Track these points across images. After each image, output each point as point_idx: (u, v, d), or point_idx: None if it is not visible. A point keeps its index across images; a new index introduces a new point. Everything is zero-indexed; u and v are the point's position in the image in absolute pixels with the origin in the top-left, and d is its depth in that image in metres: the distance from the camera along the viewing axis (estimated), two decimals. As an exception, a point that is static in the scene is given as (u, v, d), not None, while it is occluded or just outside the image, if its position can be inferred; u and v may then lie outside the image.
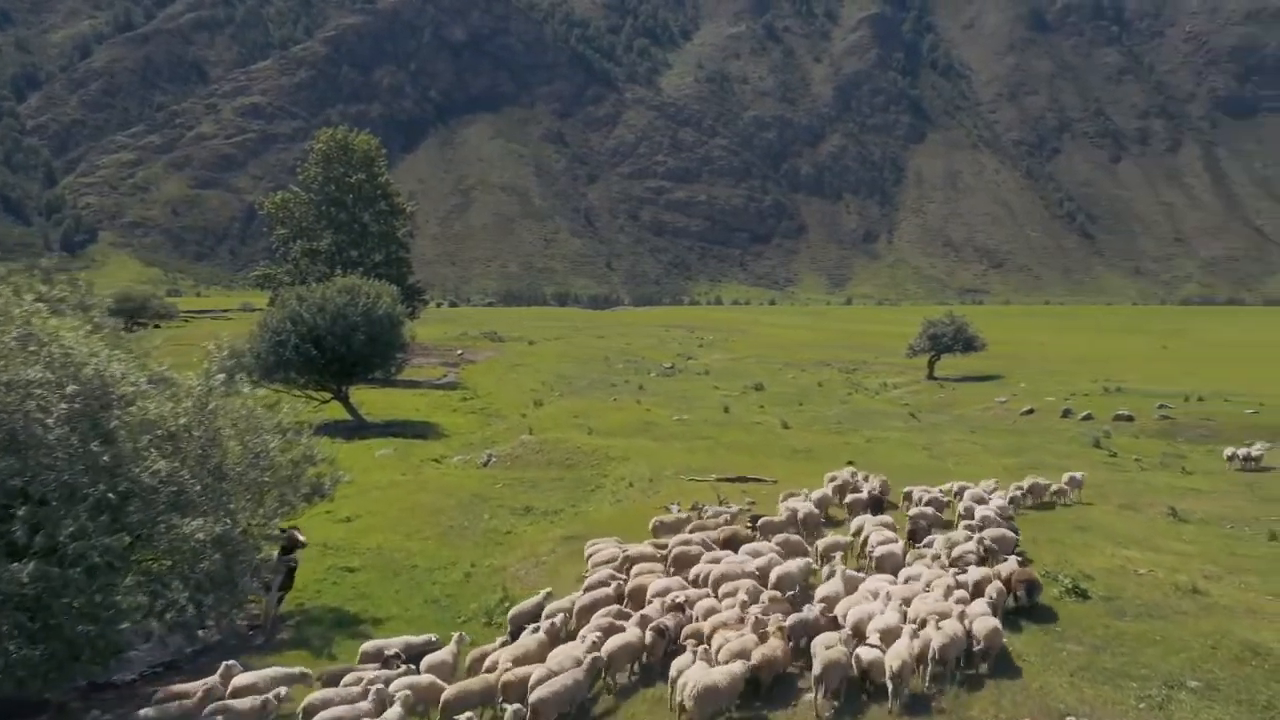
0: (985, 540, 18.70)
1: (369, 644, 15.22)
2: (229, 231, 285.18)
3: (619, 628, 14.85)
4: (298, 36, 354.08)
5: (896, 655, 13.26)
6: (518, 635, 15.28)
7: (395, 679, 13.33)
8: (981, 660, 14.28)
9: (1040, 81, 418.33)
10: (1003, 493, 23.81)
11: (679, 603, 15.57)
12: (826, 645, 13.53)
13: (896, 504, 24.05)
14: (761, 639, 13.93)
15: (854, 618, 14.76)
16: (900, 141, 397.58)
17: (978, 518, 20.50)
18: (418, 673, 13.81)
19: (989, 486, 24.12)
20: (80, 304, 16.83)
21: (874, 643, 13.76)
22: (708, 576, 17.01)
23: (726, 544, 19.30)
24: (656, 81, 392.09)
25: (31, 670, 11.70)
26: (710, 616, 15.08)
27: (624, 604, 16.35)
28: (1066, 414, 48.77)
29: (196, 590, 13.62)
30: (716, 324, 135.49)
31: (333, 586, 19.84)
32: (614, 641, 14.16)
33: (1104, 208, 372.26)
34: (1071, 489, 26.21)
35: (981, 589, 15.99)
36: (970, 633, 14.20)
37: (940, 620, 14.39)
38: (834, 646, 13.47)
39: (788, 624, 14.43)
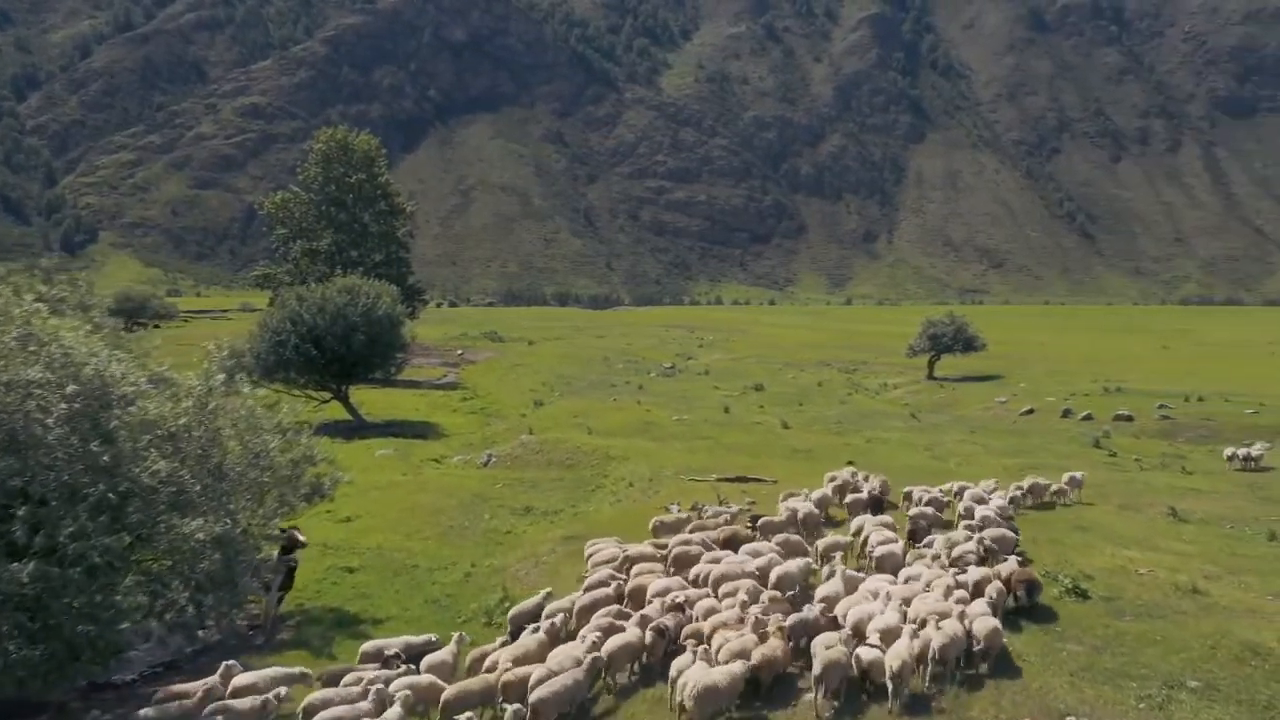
0: (985, 540, 18.70)
1: (369, 644, 15.22)
2: (229, 232, 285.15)
3: (619, 628, 14.84)
4: (298, 36, 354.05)
5: (896, 655, 13.25)
6: (518, 635, 15.27)
7: (395, 679, 13.32)
8: (981, 660, 14.28)
9: (1040, 81, 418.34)
10: (1003, 493, 23.81)
11: (679, 603, 15.56)
12: (826, 645, 13.52)
13: (896, 504, 24.05)
14: (762, 639, 13.92)
15: (854, 618, 14.75)
16: (900, 141, 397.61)
17: (978, 518, 20.50)
18: (418, 673, 13.80)
19: (989, 486, 24.11)
20: (80, 304, 16.83)
21: (874, 643, 13.76)
22: (708, 576, 17.00)
23: (726, 544, 19.29)
24: (656, 81, 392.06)
25: (31, 670, 11.69)
26: (710, 616, 15.07)
27: (624, 604, 16.35)
28: (1066, 414, 48.77)
29: (196, 590, 13.65)
30: (716, 324, 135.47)
31: (333, 587, 19.84)
32: (614, 641, 14.15)
33: (1104, 208, 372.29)
34: (1071, 489, 26.19)
35: (981, 589, 15.99)
36: (970, 633, 14.19)
37: (940, 620, 14.38)
38: (834, 647, 13.45)
39: (788, 624, 14.42)
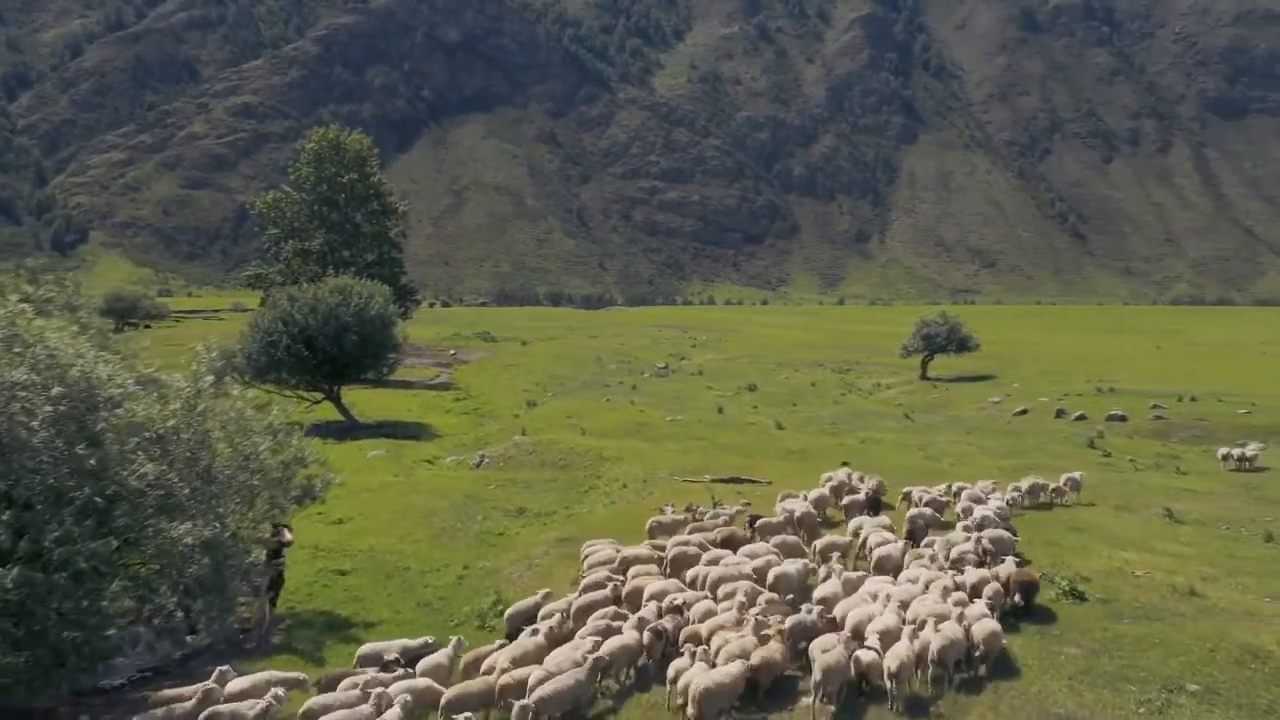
0: (984, 541, 18.59)
1: (366, 647, 15.06)
2: (220, 231, 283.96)
3: (616, 629, 14.71)
4: (289, 36, 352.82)
5: (895, 657, 13.17)
6: (515, 635, 15.14)
7: (393, 682, 13.17)
8: (980, 663, 14.16)
9: (1032, 82, 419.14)
10: (1000, 494, 23.71)
11: (677, 605, 15.42)
12: (824, 649, 13.39)
13: (893, 505, 23.94)
14: (762, 641, 13.79)
15: (853, 620, 14.63)
16: (892, 142, 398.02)
17: (976, 518, 20.39)
18: (414, 676, 13.65)
19: (986, 487, 24.03)
20: (67, 304, 16.61)
21: (872, 644, 13.64)
22: (705, 578, 16.88)
23: (724, 545, 19.19)
24: (649, 82, 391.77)
25: (16, 677, 11.49)
26: (708, 619, 14.94)
27: (621, 606, 16.20)
28: (1060, 414, 48.76)
29: (185, 595, 13.44)
30: (709, 324, 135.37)
31: (324, 589, 19.66)
32: (611, 643, 14.04)
33: (1095, 208, 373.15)
34: (1070, 490, 26.13)
35: (979, 590, 15.89)
36: (970, 635, 14.06)
37: (939, 622, 14.26)
38: (831, 650, 13.33)
39: (787, 626, 14.29)
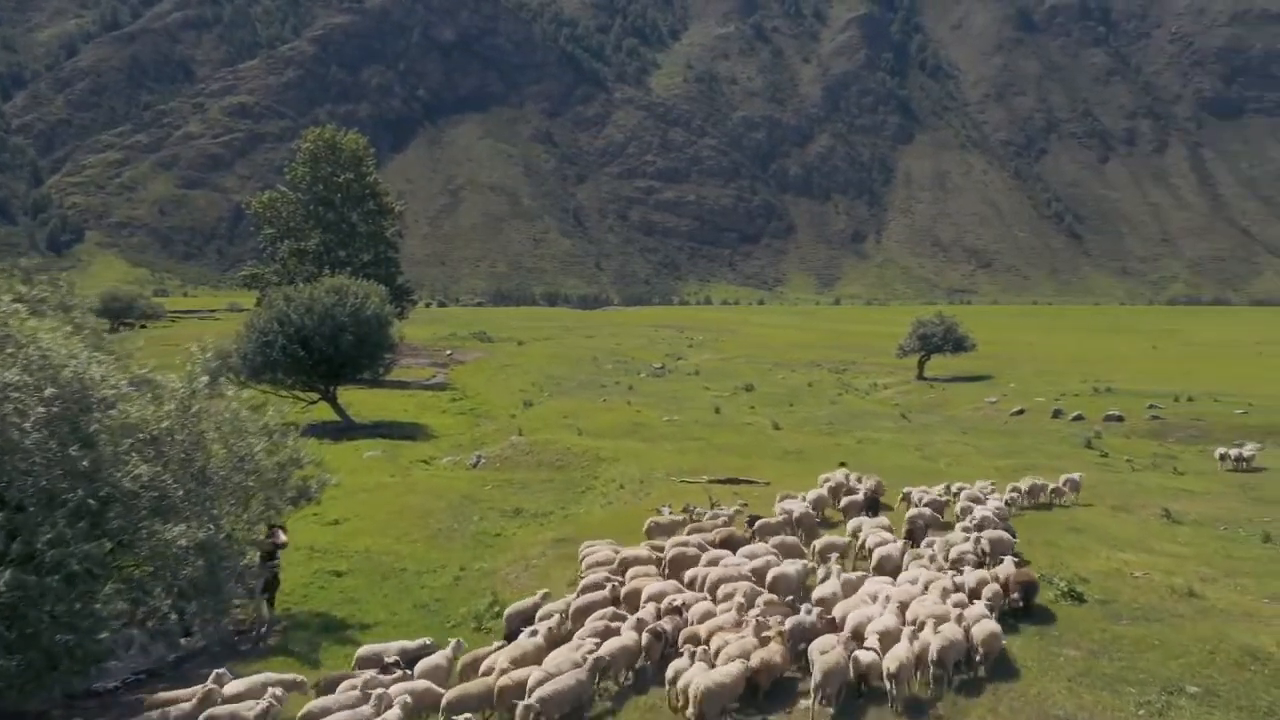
0: (983, 542, 18.53)
1: (364, 649, 14.97)
2: (216, 231, 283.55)
3: (614, 630, 14.64)
4: (285, 36, 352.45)
5: (894, 658, 13.12)
6: (514, 636, 15.06)
7: (392, 684, 13.10)
8: (980, 664, 14.10)
9: (1028, 82, 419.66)
10: (999, 494, 23.66)
11: (676, 606, 15.35)
12: (822, 650, 13.33)
13: (891, 505, 23.89)
14: (762, 642, 13.73)
15: (853, 621, 14.57)
16: (888, 142, 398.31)
17: (975, 519, 20.33)
18: (412, 678, 13.57)
19: (985, 488, 23.99)
20: (61, 304, 16.49)
21: (872, 645, 13.58)
22: (704, 579, 16.81)
23: (723, 546, 19.12)
24: (645, 81, 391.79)
25: (8, 681, 11.40)
26: (706, 620, 14.87)
27: (619, 606, 16.13)
28: (1057, 414, 48.75)
29: (179, 597, 13.33)
30: (706, 324, 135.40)
31: (320, 591, 19.55)
32: (610, 645, 13.96)
33: (1091, 208, 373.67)
34: (1069, 490, 26.09)
35: (979, 591, 15.83)
36: (969, 637, 14.00)
37: (939, 623, 14.19)
38: (830, 651, 13.26)
39: (787, 627, 14.22)
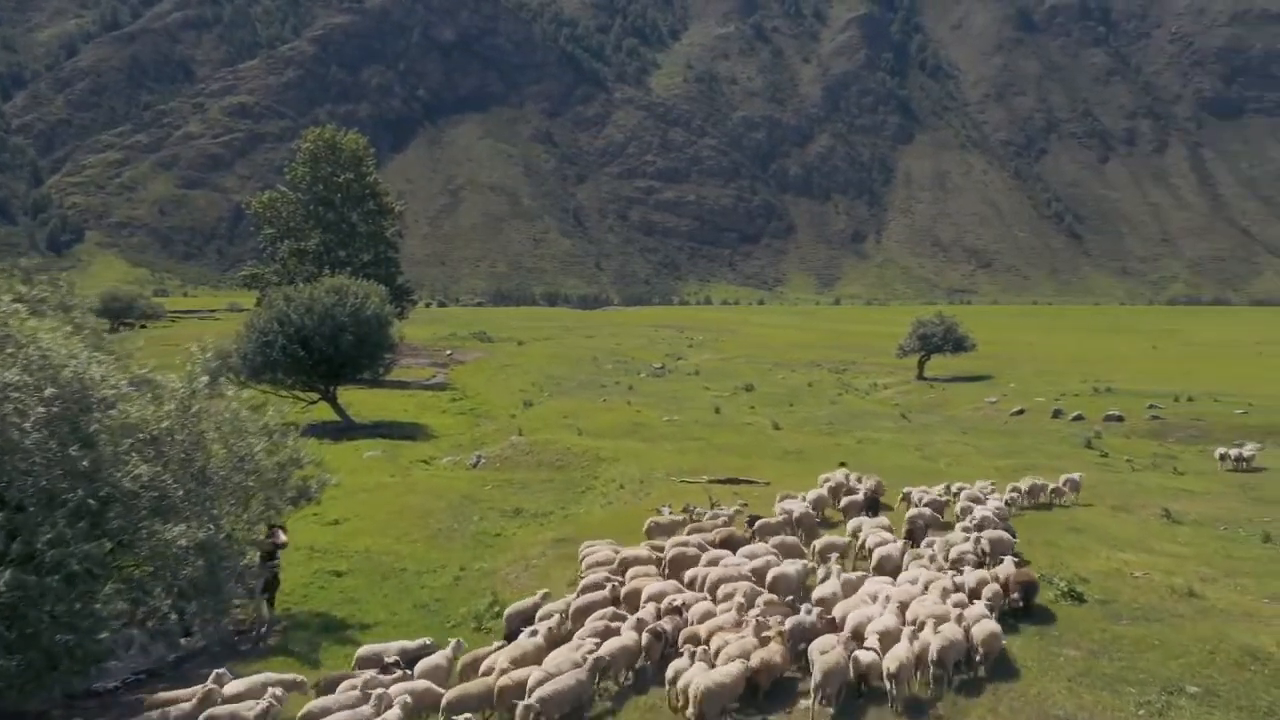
0: (983, 542, 18.53)
1: (364, 649, 14.95)
2: (216, 231, 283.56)
3: (614, 630, 14.63)
4: (285, 36, 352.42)
5: (894, 658, 13.11)
6: (514, 636, 15.05)
7: (392, 684, 13.09)
8: (980, 664, 14.09)
9: (1028, 82, 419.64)
10: (999, 494, 23.65)
11: (676, 606, 15.34)
12: (822, 650, 13.32)
13: (891, 505, 23.88)
14: (763, 642, 13.72)
15: (853, 621, 14.56)
16: (888, 142, 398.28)
17: (976, 519, 20.33)
18: (412, 678, 13.56)
19: (985, 487, 23.98)
20: (61, 304, 16.49)
21: (872, 645, 13.57)
22: (704, 579, 16.81)
23: (723, 546, 19.12)
24: (645, 81, 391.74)
25: (8, 681, 11.39)
26: (706, 620, 14.86)
27: (619, 606, 16.12)
28: (1057, 414, 48.74)
29: (179, 597, 13.32)
30: (706, 324, 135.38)
31: (320, 591, 19.55)
32: (610, 645, 13.95)
33: (1091, 208, 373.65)
34: (1069, 490, 26.08)
35: (979, 591, 15.83)
36: (969, 637, 14.00)
37: (939, 623, 14.19)
38: (830, 651, 13.26)
39: (787, 627, 14.22)
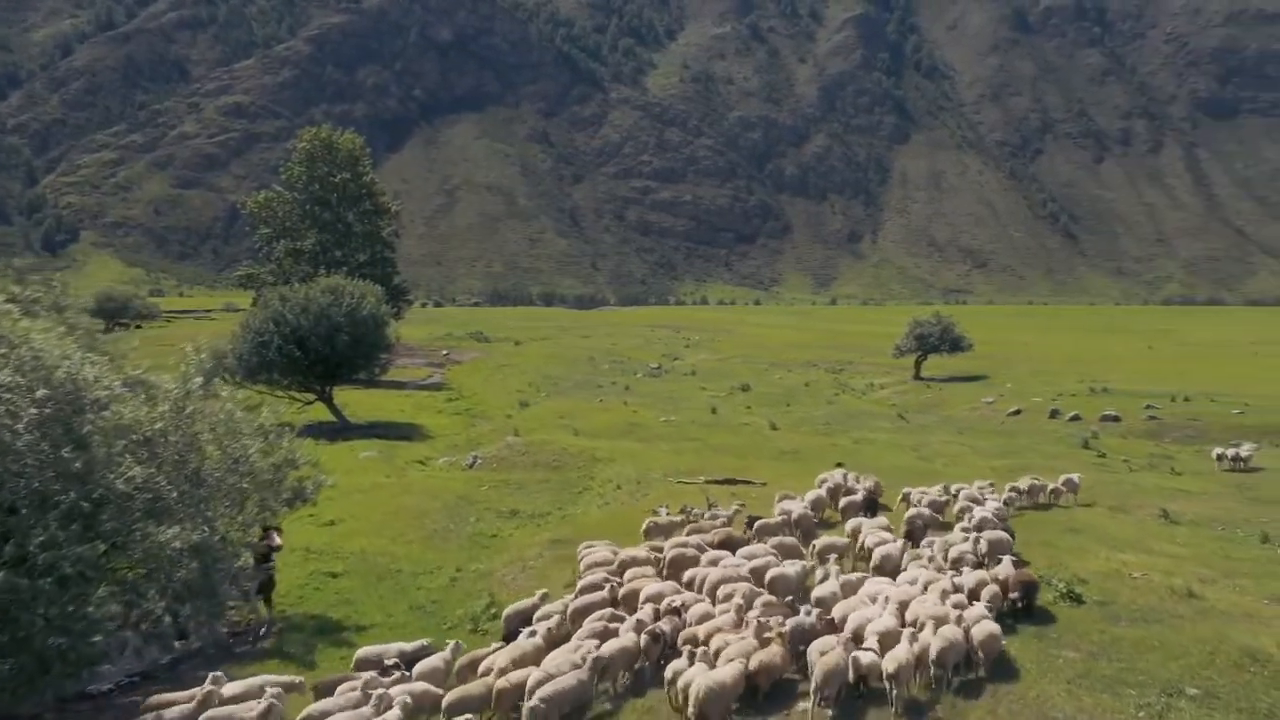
0: (981, 542, 18.47)
1: (364, 650, 14.86)
2: (212, 231, 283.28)
3: (613, 631, 14.55)
4: (281, 35, 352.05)
5: (894, 659, 13.03)
6: (512, 636, 14.97)
7: (392, 685, 13.01)
8: (979, 666, 14.03)
9: (1023, 82, 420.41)
10: (997, 494, 23.60)
11: (675, 607, 15.26)
12: (822, 651, 13.25)
13: (890, 506, 23.82)
14: (763, 644, 13.65)
15: (853, 623, 14.49)
16: (884, 142, 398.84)
17: (975, 519, 20.26)
18: (410, 679, 13.48)
19: (984, 488, 23.92)
20: (55, 305, 16.38)
21: (871, 646, 13.51)
22: (703, 580, 16.74)
23: (721, 547, 19.06)
24: (642, 81, 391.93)
25: (0, 685, 11.28)
26: (705, 621, 14.79)
27: (618, 607, 16.04)
28: (1054, 414, 48.75)
29: (173, 600, 13.21)
30: (702, 324, 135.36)
31: (315, 592, 19.44)
32: (609, 646, 13.87)
33: (1086, 208, 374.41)
34: (1068, 491, 26.04)
35: (978, 592, 15.77)
36: (969, 637, 13.94)
37: (938, 624, 14.12)
38: (829, 653, 13.19)
39: (787, 629, 14.15)
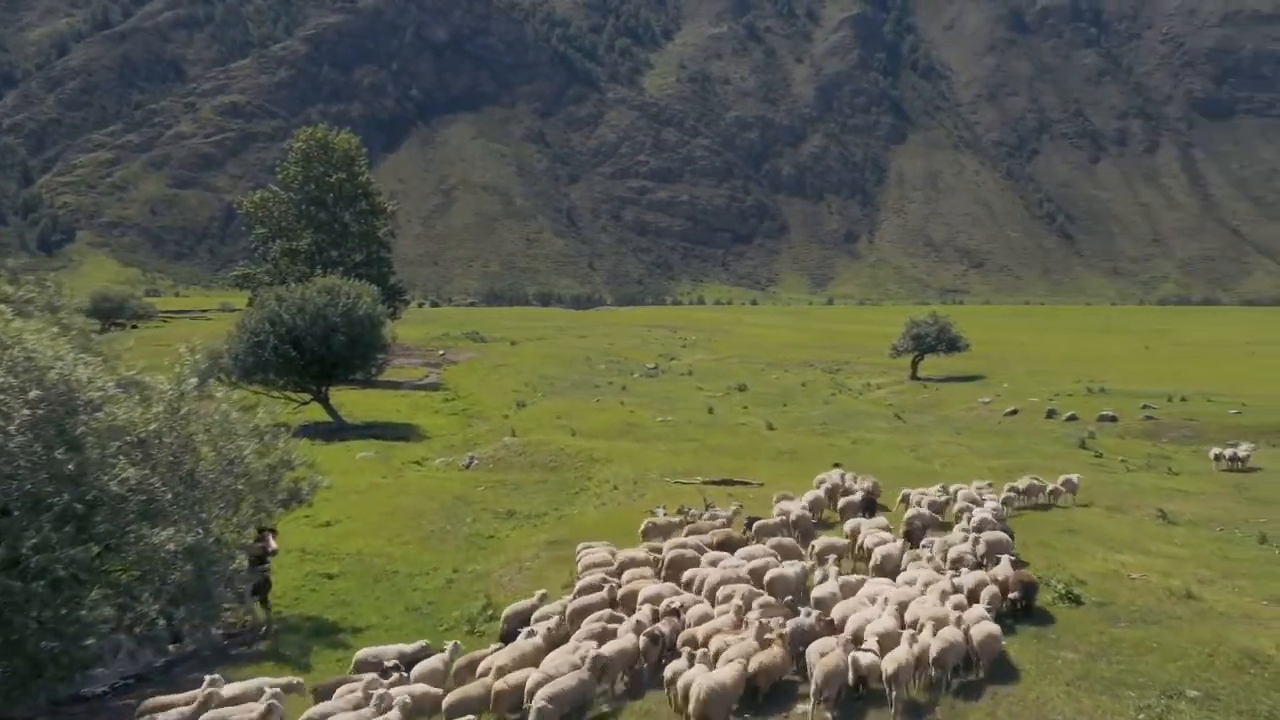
0: (980, 543, 18.43)
1: (363, 652, 14.76)
2: (208, 231, 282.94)
3: (611, 632, 14.49)
4: (277, 35, 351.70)
5: (893, 659, 12.98)
6: (511, 636, 14.90)
7: (392, 687, 12.94)
8: (979, 667, 13.98)
9: (1020, 82, 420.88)
10: (995, 495, 23.56)
11: (674, 608, 15.20)
12: (821, 653, 13.19)
13: (889, 506, 23.77)
14: (763, 645, 13.59)
15: (853, 624, 14.43)
16: (881, 142, 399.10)
17: (974, 520, 20.22)
18: (409, 681, 13.41)
19: (983, 488, 23.87)
20: (48, 305, 16.29)
21: (871, 647, 13.45)
22: (702, 581, 16.68)
23: (720, 547, 19.01)
24: (638, 81, 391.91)
25: (-8, 688, 11.21)
26: (704, 622, 14.73)
27: (616, 608, 15.97)
28: (1051, 414, 48.72)
29: (168, 602, 13.10)
30: (699, 324, 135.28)
31: (311, 594, 19.33)
32: (608, 648, 13.80)
33: (1083, 208, 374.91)
34: (1066, 491, 26.01)
35: (977, 593, 15.72)
36: (968, 638, 13.89)
37: (938, 625, 14.07)
38: (829, 654, 13.13)
39: (787, 630, 14.09)
